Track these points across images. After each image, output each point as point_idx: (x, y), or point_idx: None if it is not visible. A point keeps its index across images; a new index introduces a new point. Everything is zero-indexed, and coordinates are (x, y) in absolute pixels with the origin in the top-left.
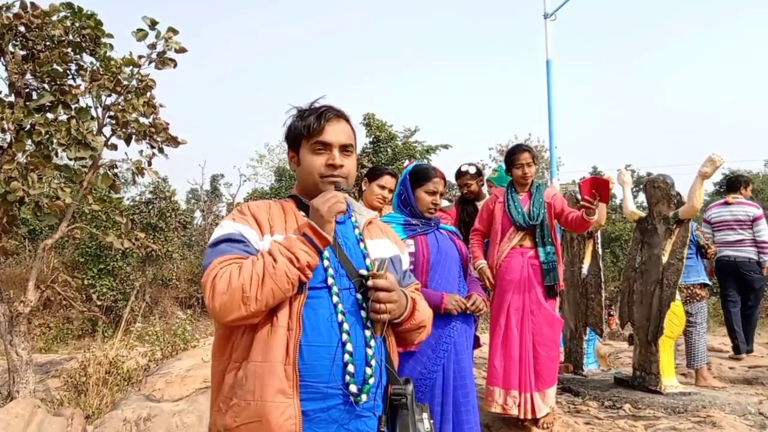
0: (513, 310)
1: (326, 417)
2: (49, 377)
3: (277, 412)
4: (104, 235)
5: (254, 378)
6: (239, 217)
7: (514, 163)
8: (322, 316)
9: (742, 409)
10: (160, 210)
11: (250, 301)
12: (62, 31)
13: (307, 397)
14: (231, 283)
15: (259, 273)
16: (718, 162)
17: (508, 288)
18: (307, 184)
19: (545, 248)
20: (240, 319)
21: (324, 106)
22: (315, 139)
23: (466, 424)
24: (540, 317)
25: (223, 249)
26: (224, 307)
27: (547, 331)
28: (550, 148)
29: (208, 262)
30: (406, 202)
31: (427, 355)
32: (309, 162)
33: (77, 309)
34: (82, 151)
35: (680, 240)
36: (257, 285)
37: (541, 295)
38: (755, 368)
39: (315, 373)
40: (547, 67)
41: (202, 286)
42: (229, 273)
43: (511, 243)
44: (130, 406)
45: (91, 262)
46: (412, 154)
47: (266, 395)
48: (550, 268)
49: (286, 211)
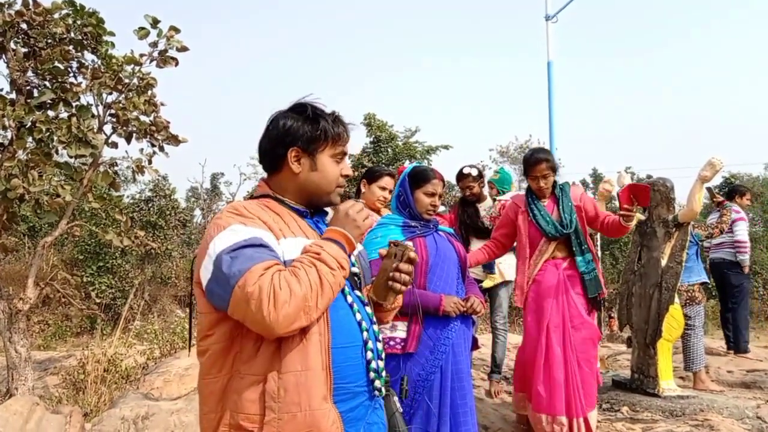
0: (553, 327)
1: (355, 415)
2: (48, 374)
3: (325, 419)
4: (104, 232)
5: (297, 388)
6: (247, 220)
7: (530, 174)
8: (342, 318)
9: (740, 413)
10: (160, 208)
11: (312, 311)
12: (64, 29)
13: (339, 399)
14: (293, 292)
15: (316, 281)
16: (718, 166)
17: (545, 304)
18: (316, 190)
19: (584, 256)
20: (296, 330)
21: (337, 113)
22: (341, 149)
23: (463, 426)
24: (584, 332)
25: (253, 255)
26: (288, 318)
27: (590, 347)
28: (550, 150)
29: (242, 268)
30: (405, 204)
31: (425, 356)
32: (330, 170)
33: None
34: (83, 149)
35: (679, 243)
36: (318, 294)
37: (583, 308)
38: (753, 372)
39: (344, 374)
40: (548, 69)
41: (244, 295)
42: (287, 281)
43: (544, 256)
44: (129, 404)
45: (91, 259)
46: (412, 154)
47: (314, 404)
48: (592, 278)
49: (281, 214)
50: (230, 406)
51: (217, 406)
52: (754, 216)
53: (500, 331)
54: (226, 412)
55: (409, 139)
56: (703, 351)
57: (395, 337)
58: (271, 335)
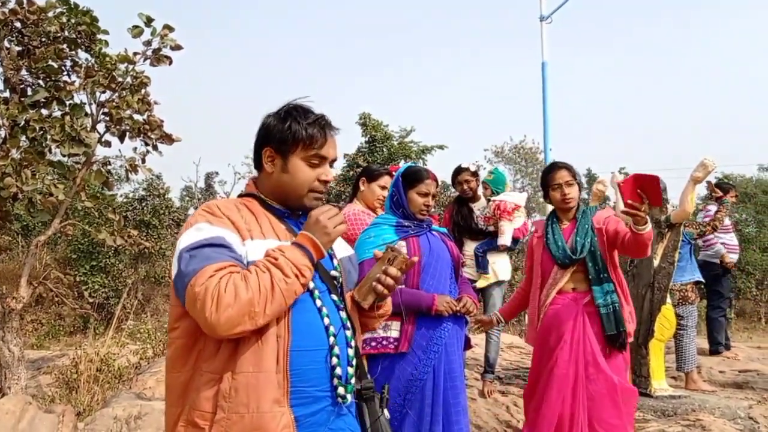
0: (561, 372)
1: (315, 420)
2: (41, 374)
3: (274, 422)
4: (97, 232)
5: (246, 389)
6: (215, 219)
7: (550, 184)
8: (308, 321)
9: (731, 413)
10: (154, 207)
11: (258, 316)
12: (58, 28)
13: (297, 403)
14: (239, 296)
15: (267, 287)
16: (710, 167)
17: (555, 345)
18: (289, 194)
19: (602, 287)
20: (241, 333)
21: (322, 116)
22: (315, 152)
23: (456, 425)
24: (599, 385)
25: (210, 254)
26: (230, 321)
27: (607, 405)
28: (544, 149)
29: (195, 268)
30: (399, 204)
31: (418, 356)
32: (302, 173)
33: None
34: (76, 148)
35: (672, 244)
36: (266, 299)
37: (599, 353)
38: (745, 372)
39: (305, 378)
40: (542, 69)
41: (193, 294)
42: (234, 284)
43: (557, 286)
44: (121, 403)
45: (84, 258)
46: (407, 154)
47: (263, 406)
48: (609, 311)
49: (256, 214)
50: (189, 402)
51: (178, 401)
52: (747, 216)
53: (494, 331)
54: (186, 407)
55: (404, 139)
56: (695, 351)
57: (388, 337)
58: (215, 336)
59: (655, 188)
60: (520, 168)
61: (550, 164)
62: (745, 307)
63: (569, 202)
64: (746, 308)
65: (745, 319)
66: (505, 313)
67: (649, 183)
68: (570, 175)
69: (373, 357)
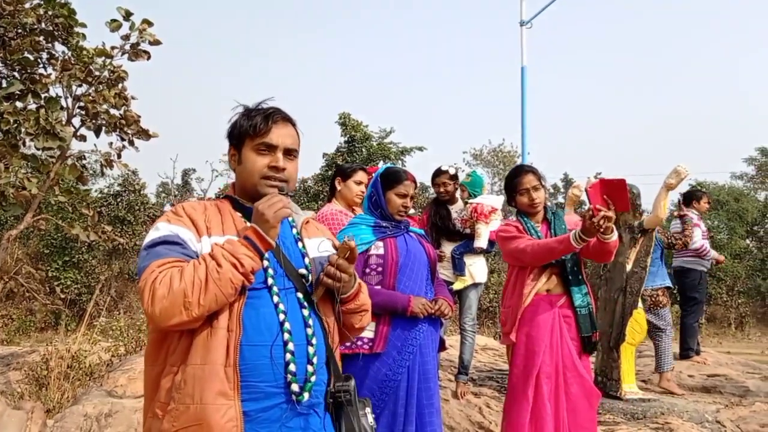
0: (545, 377)
1: (268, 416)
2: (11, 370)
3: (217, 414)
4: (70, 227)
5: (193, 381)
6: (174, 218)
7: (517, 189)
8: (262, 316)
9: (699, 417)
10: (129, 203)
11: (192, 307)
12: (35, 19)
13: (248, 398)
14: (172, 288)
15: (201, 278)
16: (683, 174)
17: (536, 347)
18: (246, 185)
19: (580, 288)
20: (180, 325)
21: (272, 107)
22: (260, 140)
23: (429, 426)
24: (576, 387)
25: (160, 252)
26: (165, 312)
27: (584, 408)
28: (522, 154)
29: (145, 264)
30: (377, 204)
31: (393, 356)
32: (251, 162)
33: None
34: (51, 142)
35: (644, 249)
36: (200, 290)
37: (576, 356)
38: (714, 377)
39: (256, 372)
40: (521, 74)
41: (139, 290)
42: (170, 277)
43: (535, 287)
44: (92, 401)
45: (56, 254)
46: (386, 155)
47: (206, 398)
48: (587, 312)
49: (223, 212)
50: (156, 395)
51: (151, 394)
52: (719, 223)
53: (468, 333)
54: (154, 399)
55: (384, 140)
56: (671, 352)
57: (363, 337)
58: (157, 328)
59: (621, 193)
60: (498, 171)
61: (515, 168)
62: (715, 312)
63: (537, 206)
64: (717, 314)
65: (716, 325)
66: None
67: (616, 188)
68: (536, 179)
69: (348, 357)
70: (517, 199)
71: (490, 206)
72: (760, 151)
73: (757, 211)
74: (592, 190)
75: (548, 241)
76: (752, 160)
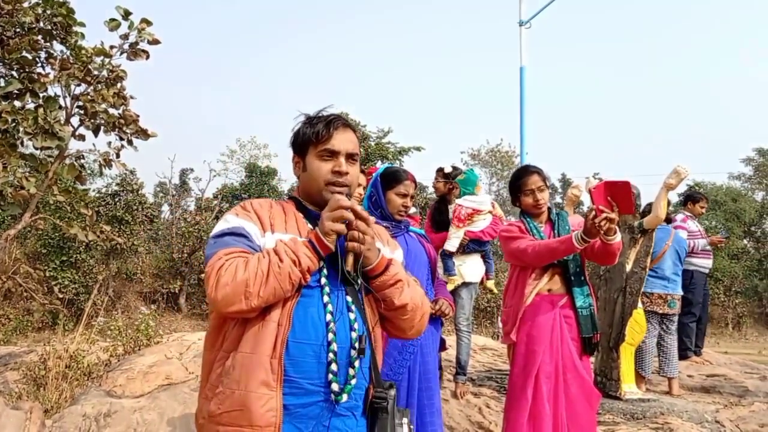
0: (544, 377)
1: (306, 413)
2: (8, 370)
3: (259, 402)
4: (68, 226)
5: (241, 368)
6: (242, 212)
7: (522, 189)
8: (311, 315)
9: (699, 417)
10: (127, 203)
11: (252, 297)
12: (33, 18)
13: (289, 392)
14: (236, 277)
15: (264, 270)
16: (683, 174)
17: (537, 347)
18: (311, 190)
19: (582, 288)
20: (239, 313)
21: (332, 115)
22: (323, 147)
23: (430, 426)
24: (575, 388)
25: (228, 241)
26: (226, 299)
27: (583, 409)
28: (521, 154)
29: (212, 252)
30: (377, 204)
31: (394, 356)
32: (315, 168)
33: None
34: (49, 141)
35: (644, 249)
36: (261, 282)
37: (576, 356)
38: (713, 377)
39: (299, 369)
40: (520, 74)
41: (206, 275)
42: (235, 266)
43: (537, 287)
44: (90, 401)
45: (54, 253)
46: (384, 155)
47: (251, 386)
48: (589, 313)
49: (287, 212)
50: (209, 378)
51: (205, 377)
52: (716, 224)
53: (464, 333)
54: (207, 382)
55: (382, 140)
56: (677, 357)
57: None
58: (219, 313)
59: (625, 195)
60: (496, 171)
61: (520, 169)
62: (713, 313)
63: (541, 207)
64: (714, 314)
65: (713, 325)
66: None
67: (619, 190)
68: (541, 179)
69: None
70: (522, 200)
71: (470, 209)
72: (757, 151)
73: (755, 212)
74: (596, 191)
75: (550, 241)
76: (750, 160)
